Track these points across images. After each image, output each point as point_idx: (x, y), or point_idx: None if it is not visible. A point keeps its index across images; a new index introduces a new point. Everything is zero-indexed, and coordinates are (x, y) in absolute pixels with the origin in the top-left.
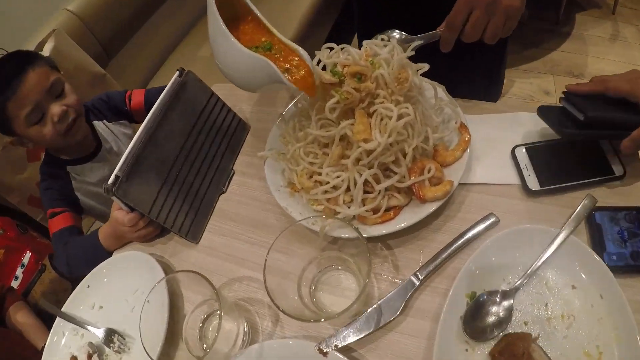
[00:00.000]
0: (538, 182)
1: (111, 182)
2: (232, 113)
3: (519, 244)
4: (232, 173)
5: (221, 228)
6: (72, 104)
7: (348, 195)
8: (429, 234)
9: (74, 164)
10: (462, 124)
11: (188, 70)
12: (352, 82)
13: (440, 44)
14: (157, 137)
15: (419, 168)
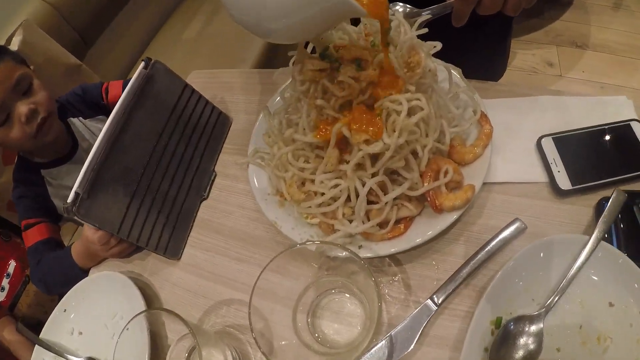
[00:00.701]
0: (569, 179)
1: (70, 200)
2: (210, 106)
3: (549, 258)
4: (214, 175)
5: (204, 242)
6: (42, 101)
7: (348, 207)
8: (444, 245)
9: (49, 167)
10: (483, 113)
11: (155, 60)
12: (349, 69)
13: (452, 18)
14: (122, 143)
15: (434, 171)
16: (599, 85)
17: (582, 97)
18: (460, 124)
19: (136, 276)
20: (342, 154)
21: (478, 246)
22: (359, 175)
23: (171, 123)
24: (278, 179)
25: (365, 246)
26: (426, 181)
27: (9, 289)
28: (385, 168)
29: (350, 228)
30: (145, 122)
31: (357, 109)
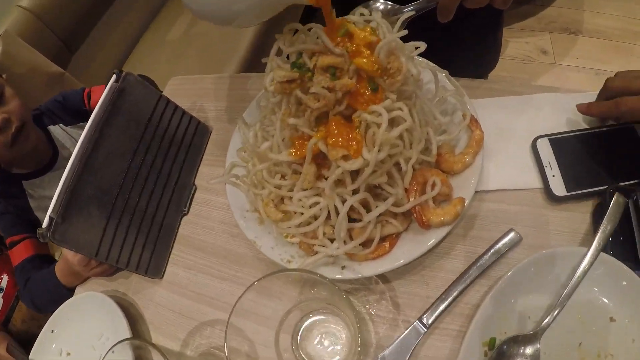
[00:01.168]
0: (564, 185)
1: (45, 225)
2: (187, 116)
3: (545, 273)
4: (194, 189)
5: (186, 259)
6: (14, 110)
7: (329, 225)
8: (434, 260)
9: (30, 177)
10: (473, 118)
11: (126, 72)
12: (323, 79)
13: (437, 13)
14: (94, 163)
15: (420, 183)
16: (593, 71)
17: (580, 94)
18: (449, 130)
19: (120, 295)
20: (320, 169)
21: (470, 260)
22: (339, 192)
23: (147, 137)
24: (255, 197)
25: (348, 266)
26: (412, 195)
27: (2, 303)
28: (366, 184)
29: (331, 250)
30: (119, 139)
31: (333, 121)
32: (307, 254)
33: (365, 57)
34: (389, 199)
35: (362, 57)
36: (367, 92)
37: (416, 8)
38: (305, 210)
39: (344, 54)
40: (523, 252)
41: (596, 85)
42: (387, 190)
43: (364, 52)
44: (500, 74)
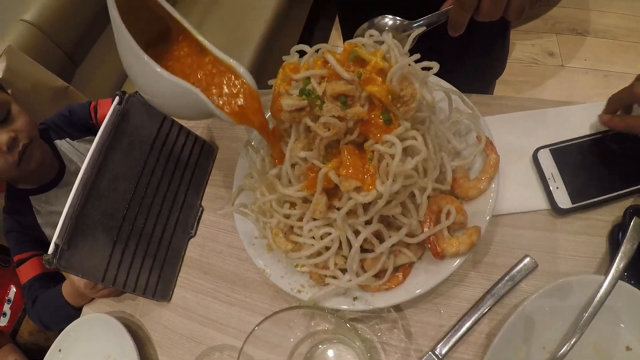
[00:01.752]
0: (569, 196)
1: (51, 252)
2: (193, 136)
3: (561, 303)
4: (201, 211)
5: (194, 283)
6: (22, 128)
7: (341, 255)
8: (448, 288)
9: (37, 193)
10: (488, 140)
11: (129, 94)
12: (333, 107)
13: (448, 27)
14: (99, 187)
15: (434, 212)
16: (602, 73)
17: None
18: (463, 153)
19: (128, 317)
20: (331, 198)
21: (484, 288)
22: (351, 223)
23: (151, 159)
24: (263, 225)
25: (360, 297)
26: (426, 225)
27: (10, 314)
28: (379, 215)
29: (343, 282)
30: (124, 162)
31: (345, 150)
32: (317, 283)
33: (377, 85)
34: (402, 229)
35: (374, 85)
36: (380, 120)
37: (426, 23)
38: (315, 242)
39: (354, 80)
40: (538, 278)
41: (604, 87)
42: (400, 220)
43: (376, 78)
44: (506, 79)
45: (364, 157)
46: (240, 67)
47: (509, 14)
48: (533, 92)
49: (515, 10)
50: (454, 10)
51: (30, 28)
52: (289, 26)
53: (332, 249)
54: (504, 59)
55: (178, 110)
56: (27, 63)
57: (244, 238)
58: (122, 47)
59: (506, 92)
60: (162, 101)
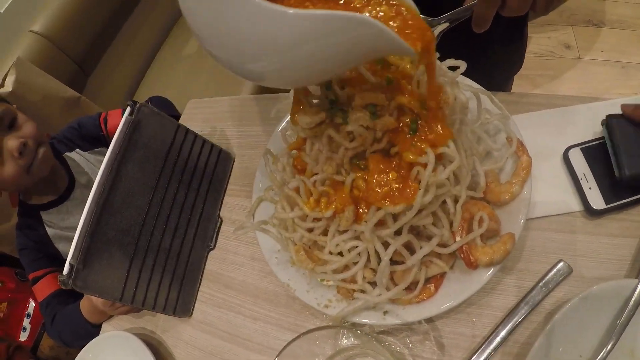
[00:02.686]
0: (602, 196)
1: (66, 272)
2: (209, 144)
3: (596, 309)
4: (220, 222)
5: (215, 297)
6: (30, 133)
7: (369, 268)
8: (480, 297)
9: (48, 208)
10: (519, 140)
11: (140, 103)
12: (362, 116)
13: (472, 23)
14: (113, 203)
15: (466, 220)
16: (619, 64)
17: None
18: (493, 156)
19: (148, 333)
20: (357, 207)
21: (518, 295)
22: (379, 234)
23: (167, 171)
24: (286, 241)
25: (391, 311)
26: (458, 234)
27: (30, 329)
28: (410, 225)
29: (373, 297)
30: (138, 175)
31: (372, 160)
32: (345, 298)
33: (407, 93)
34: (433, 240)
35: (404, 93)
36: (408, 129)
37: (450, 19)
38: (341, 258)
39: (382, 85)
40: (573, 283)
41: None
42: (431, 230)
43: (405, 85)
44: (523, 73)
45: (392, 166)
46: None
47: (537, 8)
48: (550, 85)
49: (543, 4)
50: (479, 5)
51: (39, 39)
52: None
53: (360, 262)
54: (523, 53)
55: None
56: (37, 75)
57: (265, 252)
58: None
59: (523, 86)
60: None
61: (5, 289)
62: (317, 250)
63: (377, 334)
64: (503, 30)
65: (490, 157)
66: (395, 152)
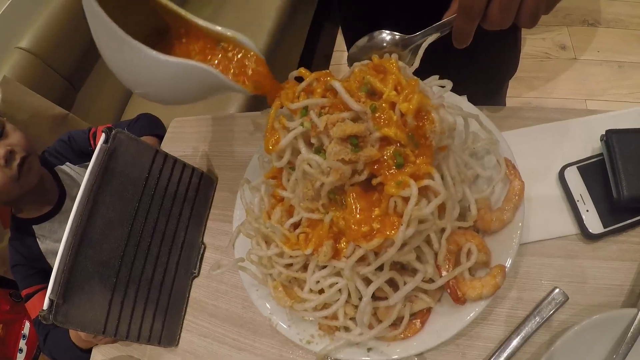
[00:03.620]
0: (600, 219)
1: (46, 307)
2: (189, 168)
3: (593, 339)
4: (203, 248)
5: (200, 326)
6: (17, 142)
7: (350, 305)
8: (471, 327)
9: (40, 221)
10: (511, 164)
11: (116, 130)
12: (342, 149)
13: (453, 38)
14: (92, 235)
15: (453, 252)
16: (616, 64)
17: (617, 113)
18: (483, 181)
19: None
20: (335, 241)
21: (511, 325)
22: (360, 271)
23: (146, 198)
24: (264, 277)
25: (375, 348)
26: (444, 268)
27: (27, 350)
28: (393, 263)
29: (354, 337)
30: (116, 204)
31: (351, 195)
32: (327, 333)
33: (393, 124)
34: (417, 276)
35: (390, 125)
36: (392, 162)
37: (428, 36)
38: (320, 296)
39: (367, 112)
40: (569, 311)
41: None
42: (414, 266)
43: (391, 115)
44: (518, 75)
45: (372, 200)
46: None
47: (521, 21)
48: (546, 87)
49: (528, 16)
50: (459, 19)
51: (27, 55)
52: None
53: (341, 300)
54: (517, 57)
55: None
56: (23, 93)
57: (247, 286)
58: (105, 38)
59: (519, 89)
60: (161, 90)
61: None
62: (297, 287)
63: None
64: (495, 35)
65: (480, 181)
66: (378, 183)
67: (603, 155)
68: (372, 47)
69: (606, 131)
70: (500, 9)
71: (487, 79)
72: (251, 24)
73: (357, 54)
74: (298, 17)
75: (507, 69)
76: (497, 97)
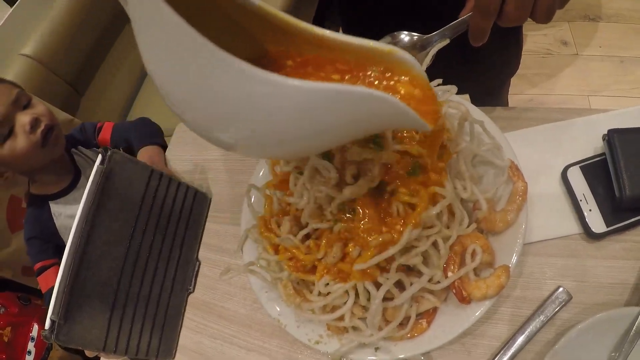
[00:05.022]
0: (602, 218)
1: (48, 327)
2: (184, 186)
3: (596, 338)
4: (198, 265)
5: (210, 328)
6: (43, 112)
7: (358, 305)
8: (476, 326)
9: (56, 197)
10: (513, 164)
11: (112, 150)
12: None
13: (470, 37)
14: (91, 256)
15: (458, 253)
16: (618, 59)
17: (619, 112)
18: (487, 183)
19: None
20: (344, 244)
21: (515, 324)
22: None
23: (142, 217)
24: (274, 280)
25: (382, 347)
26: (449, 269)
27: (35, 352)
28: (399, 265)
29: (364, 338)
30: (113, 225)
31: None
32: (335, 334)
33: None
34: (423, 277)
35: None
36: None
37: (445, 35)
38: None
39: None
40: (572, 310)
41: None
42: (420, 269)
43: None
44: (519, 72)
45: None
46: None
47: (537, 16)
48: (548, 83)
49: (544, 12)
50: (475, 17)
51: (30, 62)
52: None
53: (349, 302)
54: (518, 55)
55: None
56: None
57: (257, 289)
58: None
59: (520, 86)
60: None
61: (8, 314)
62: (306, 290)
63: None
64: (497, 34)
65: (484, 182)
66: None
67: (605, 155)
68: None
69: (608, 131)
70: (516, 5)
71: (489, 78)
72: None
73: None
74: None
75: (509, 67)
76: (498, 95)
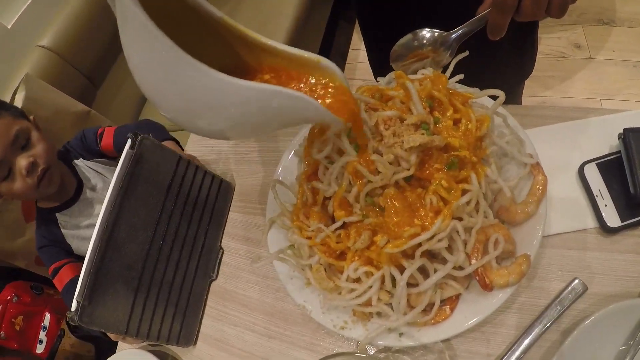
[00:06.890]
0: (618, 213)
1: (73, 309)
2: (210, 175)
3: (611, 328)
4: (221, 253)
5: (231, 316)
6: (41, 154)
7: (384, 290)
8: (495, 315)
9: (61, 209)
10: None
11: (142, 135)
12: (417, 136)
13: (488, 31)
14: (117, 239)
15: (481, 242)
16: (631, 64)
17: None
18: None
19: (165, 350)
20: (373, 232)
21: (533, 314)
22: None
23: (168, 204)
24: (303, 267)
25: (406, 333)
26: (473, 257)
27: (47, 340)
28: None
29: (390, 323)
30: (140, 210)
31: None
32: (360, 319)
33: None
34: (448, 264)
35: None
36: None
37: (465, 32)
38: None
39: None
40: (588, 301)
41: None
42: (445, 256)
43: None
44: (533, 74)
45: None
46: (322, 59)
47: (552, 11)
48: (561, 87)
49: (558, 7)
50: (493, 13)
51: (48, 53)
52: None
53: (374, 287)
54: (533, 57)
55: (245, 127)
56: (46, 90)
57: (283, 277)
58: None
59: (534, 88)
60: (218, 120)
61: (21, 303)
62: (334, 277)
63: (393, 352)
64: (513, 34)
65: (505, 174)
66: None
67: (621, 153)
68: (415, 46)
69: (624, 129)
70: (533, 1)
71: (504, 80)
72: (269, 22)
73: (400, 52)
74: (315, 15)
75: (524, 70)
76: (513, 97)
